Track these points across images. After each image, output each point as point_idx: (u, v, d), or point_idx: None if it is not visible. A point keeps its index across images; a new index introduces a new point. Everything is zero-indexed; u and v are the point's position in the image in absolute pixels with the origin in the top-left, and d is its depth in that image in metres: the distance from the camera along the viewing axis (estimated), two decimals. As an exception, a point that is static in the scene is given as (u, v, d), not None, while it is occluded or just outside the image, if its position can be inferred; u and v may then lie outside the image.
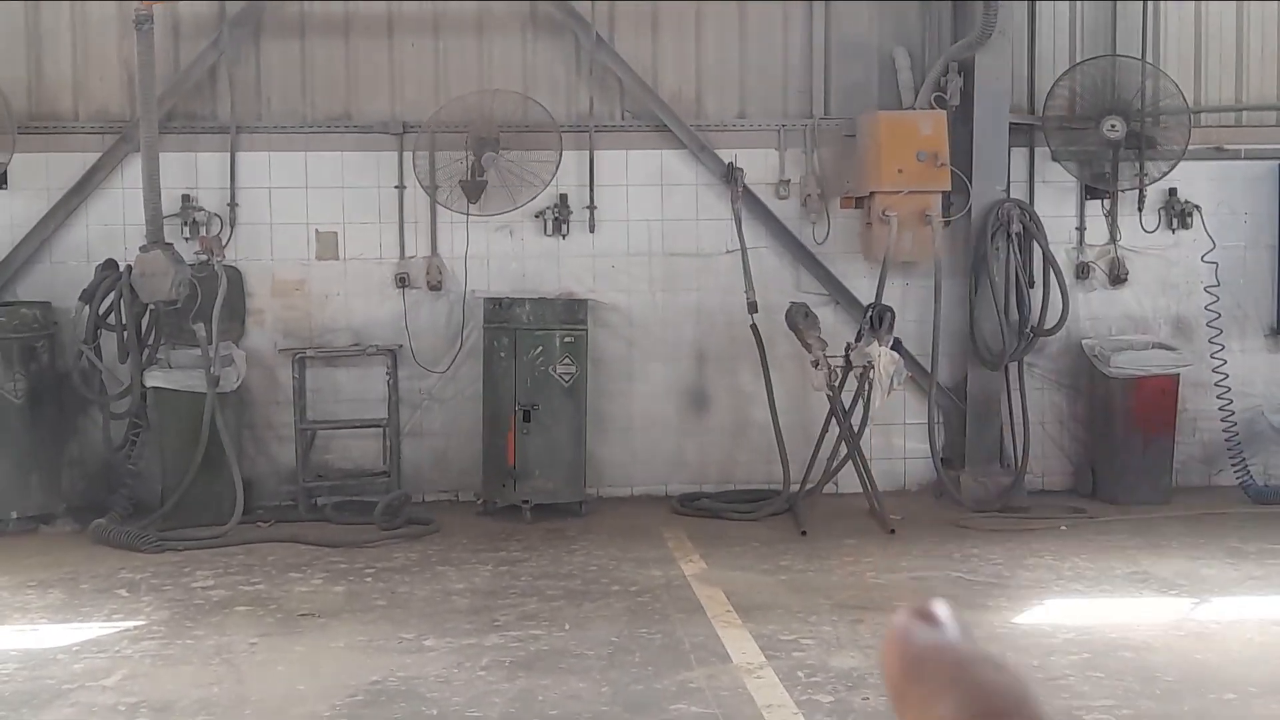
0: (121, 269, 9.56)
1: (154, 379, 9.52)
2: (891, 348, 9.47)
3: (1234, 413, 10.50)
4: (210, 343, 9.28)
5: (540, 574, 8.18)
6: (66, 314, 9.78)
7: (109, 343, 9.65)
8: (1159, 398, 10.24)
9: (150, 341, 9.67)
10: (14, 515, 9.40)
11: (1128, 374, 10.17)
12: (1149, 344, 10.46)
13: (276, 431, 10.24)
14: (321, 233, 10.35)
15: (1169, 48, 10.72)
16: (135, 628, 7.09)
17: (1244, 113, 10.83)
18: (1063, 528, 9.45)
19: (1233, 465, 10.47)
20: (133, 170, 9.90)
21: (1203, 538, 9.04)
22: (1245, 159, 10.73)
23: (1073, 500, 10.29)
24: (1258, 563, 8.38)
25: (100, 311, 9.60)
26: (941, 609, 0.86)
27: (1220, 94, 10.80)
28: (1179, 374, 10.31)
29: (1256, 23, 10.78)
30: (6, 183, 10.07)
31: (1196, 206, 10.68)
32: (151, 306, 9.51)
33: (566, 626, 7.05)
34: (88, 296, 9.59)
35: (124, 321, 9.52)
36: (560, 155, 10.06)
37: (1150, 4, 10.66)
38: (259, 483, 10.05)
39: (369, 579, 8.11)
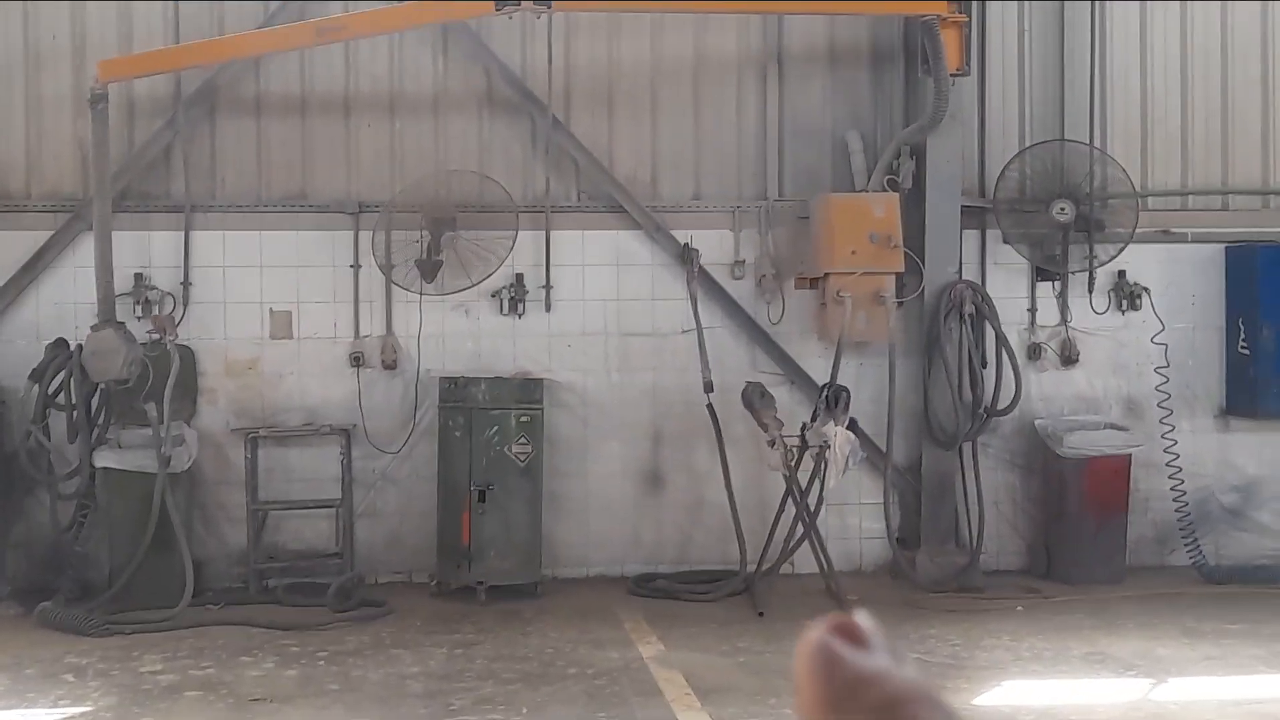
0: (72, 348, 9.46)
1: (103, 459, 9.39)
2: (847, 427, 9.50)
3: (1186, 493, 10.58)
4: (161, 422, 9.18)
5: (496, 657, 8.09)
6: (15, 394, 9.67)
7: (58, 422, 9.53)
8: (1111, 478, 10.31)
9: (100, 421, 9.55)
10: (-43, 599, 9.22)
11: (1080, 454, 10.24)
12: (1101, 424, 10.55)
13: (228, 512, 10.12)
14: (276, 312, 10.30)
15: (1115, 131, 10.91)
16: (82, 714, 6.95)
17: (1190, 196, 11.02)
18: (1019, 608, 9.45)
19: (1185, 545, 10.54)
20: (85, 249, 9.84)
21: (1158, 618, 9.08)
22: (1192, 242, 10.90)
23: (1028, 580, 10.30)
24: (1214, 642, 8.41)
25: (50, 391, 9.48)
26: (866, 623, 0.70)
27: (1166, 178, 10.99)
28: (1131, 454, 10.39)
29: (1200, 108, 11.00)
30: (-44, 261, 9.98)
31: (1145, 289, 10.83)
32: (102, 386, 9.41)
33: (524, 710, 6.96)
34: (37, 376, 9.48)
35: (74, 401, 9.42)
36: (516, 232, 10.09)
37: (1097, 89, 10.86)
38: (209, 564, 9.90)
39: (322, 662, 7.99)
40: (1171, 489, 10.56)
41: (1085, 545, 10.24)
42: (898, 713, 0.64)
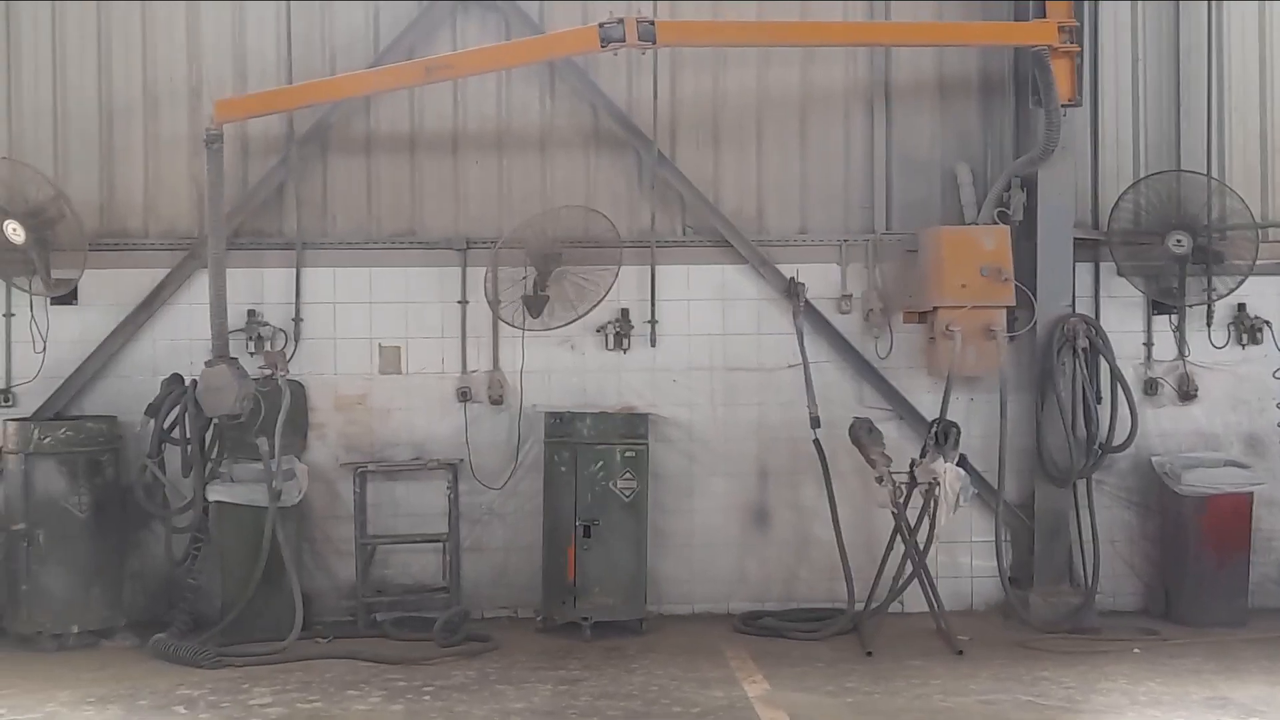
0: (187, 383, 9.64)
1: (216, 493, 9.54)
2: (957, 464, 9.36)
3: (1310, 532, 10.28)
4: (273, 457, 9.30)
5: (600, 694, 8.05)
6: (131, 428, 9.85)
7: (173, 457, 9.69)
8: (1232, 517, 10.02)
9: (213, 455, 9.71)
10: (74, 629, 9.40)
11: (1199, 492, 9.97)
12: (1221, 461, 10.27)
13: (336, 546, 10.22)
14: (384, 347, 10.41)
15: (1234, 161, 10.66)
16: (192, 747, 7.02)
17: (1312, 227, 10.72)
18: (1136, 650, 9.21)
19: (1311, 587, 10.23)
20: (200, 286, 10.04)
21: (1282, 662, 8.80)
22: (1314, 273, 10.61)
23: (1145, 621, 10.05)
24: (1341, 689, 8.12)
25: (165, 425, 9.66)
26: None
27: (1288, 208, 10.72)
28: (1253, 492, 10.10)
29: (1322, 136, 10.72)
30: (77, 298, 10.20)
31: (1266, 322, 10.55)
32: (215, 420, 9.57)
33: (627, 750, 6.91)
34: (153, 411, 9.66)
35: (188, 435, 9.58)
36: (619, 264, 10.07)
37: (1214, 117, 10.62)
38: (318, 598, 10.00)
39: (427, 697, 8.01)
40: (1295, 528, 10.26)
41: (1205, 586, 9.96)
42: None
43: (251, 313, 10.28)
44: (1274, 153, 10.71)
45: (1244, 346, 10.59)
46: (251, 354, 10.13)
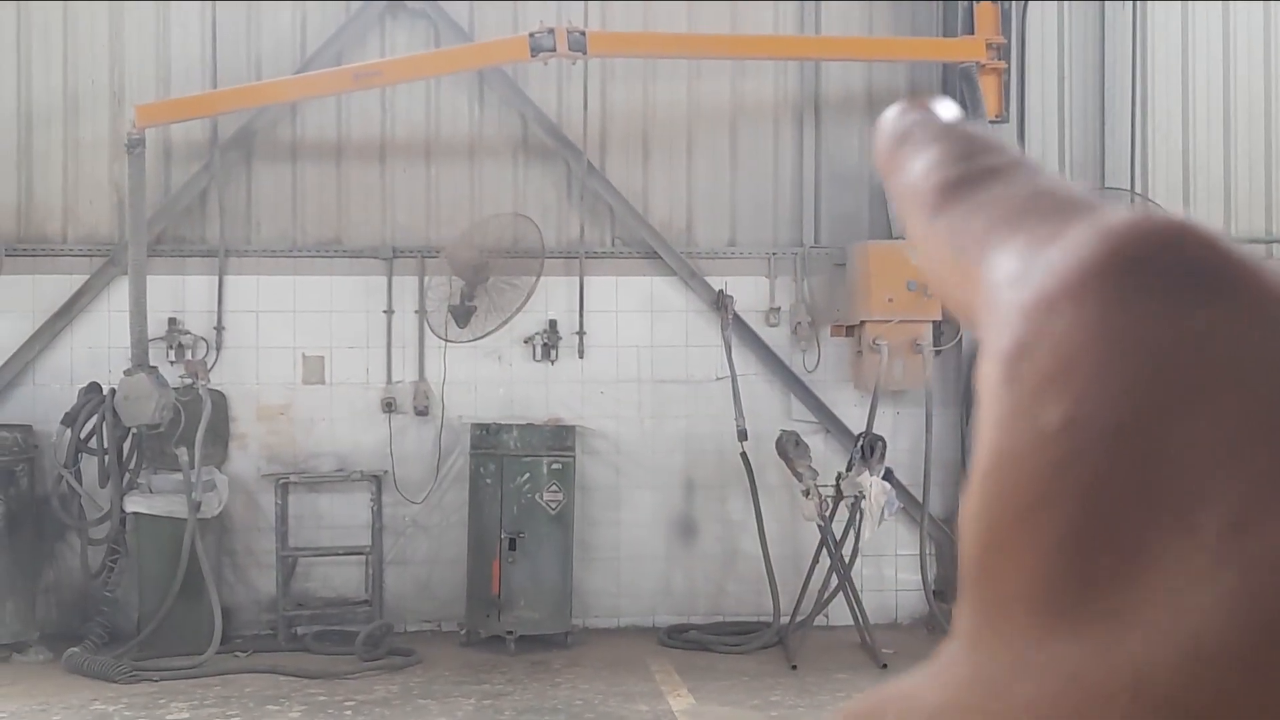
0: (105, 392, 9.46)
1: (134, 504, 9.36)
2: (883, 477, 9.38)
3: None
4: (192, 467, 9.15)
5: (524, 708, 7.98)
6: (47, 438, 9.66)
7: (90, 467, 9.52)
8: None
9: (132, 466, 9.53)
10: (-14, 643, 9.20)
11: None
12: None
13: (257, 558, 10.06)
14: (308, 357, 10.28)
15: (1157, 179, 10.79)
16: (104, 764, 6.87)
17: (1233, 245, 10.85)
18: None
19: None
20: (119, 293, 9.86)
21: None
22: (1235, 291, 10.72)
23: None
24: None
25: (82, 435, 9.48)
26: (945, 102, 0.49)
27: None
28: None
29: (1244, 156, 10.86)
30: (-8, 304, 10.01)
31: (1188, 338, 10.67)
32: (134, 430, 9.40)
33: (550, 766, 6.85)
34: (70, 420, 9.47)
35: (106, 445, 9.40)
36: (543, 264, 10.00)
37: (1138, 136, 10.75)
38: (238, 611, 9.84)
39: (349, 712, 7.90)
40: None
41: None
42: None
43: (172, 321, 10.11)
44: (1196, 171, 10.86)
45: (1166, 362, 10.70)
46: (172, 363, 9.96)
